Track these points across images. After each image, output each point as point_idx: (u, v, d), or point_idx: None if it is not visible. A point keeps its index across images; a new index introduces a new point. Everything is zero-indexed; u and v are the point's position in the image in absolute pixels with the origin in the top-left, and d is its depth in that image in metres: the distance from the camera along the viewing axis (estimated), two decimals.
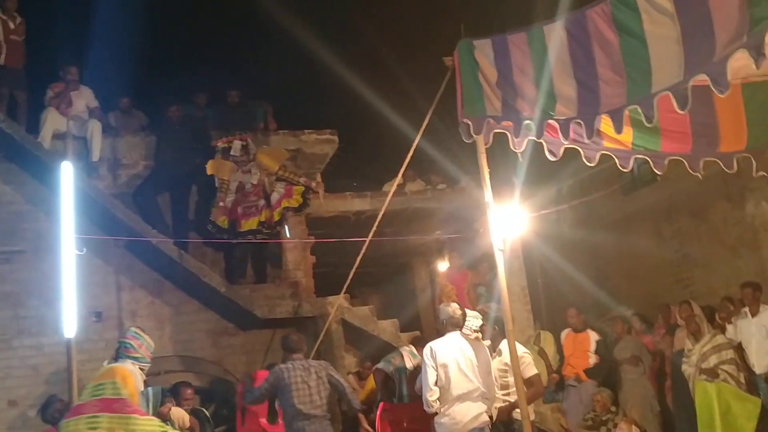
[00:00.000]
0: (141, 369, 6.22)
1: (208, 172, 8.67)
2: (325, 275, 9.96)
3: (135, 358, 6.28)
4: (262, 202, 8.69)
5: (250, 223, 8.61)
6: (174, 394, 6.26)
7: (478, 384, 5.52)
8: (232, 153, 8.72)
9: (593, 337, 8.40)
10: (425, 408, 5.65)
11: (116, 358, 6.37)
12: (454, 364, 5.53)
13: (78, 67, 8.79)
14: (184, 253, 8.18)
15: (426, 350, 5.71)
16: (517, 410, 5.57)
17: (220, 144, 8.80)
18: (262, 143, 9.29)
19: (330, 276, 9.84)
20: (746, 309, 8.00)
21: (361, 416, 6.53)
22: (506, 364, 5.74)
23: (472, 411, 5.46)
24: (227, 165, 8.73)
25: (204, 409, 7.30)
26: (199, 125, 9.28)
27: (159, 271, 8.56)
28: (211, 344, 8.60)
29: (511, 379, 5.70)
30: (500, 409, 5.75)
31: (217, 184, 8.67)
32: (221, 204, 8.57)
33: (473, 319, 6.16)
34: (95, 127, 8.52)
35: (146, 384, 5.98)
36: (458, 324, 5.79)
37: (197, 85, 10.05)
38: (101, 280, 8.35)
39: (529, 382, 5.69)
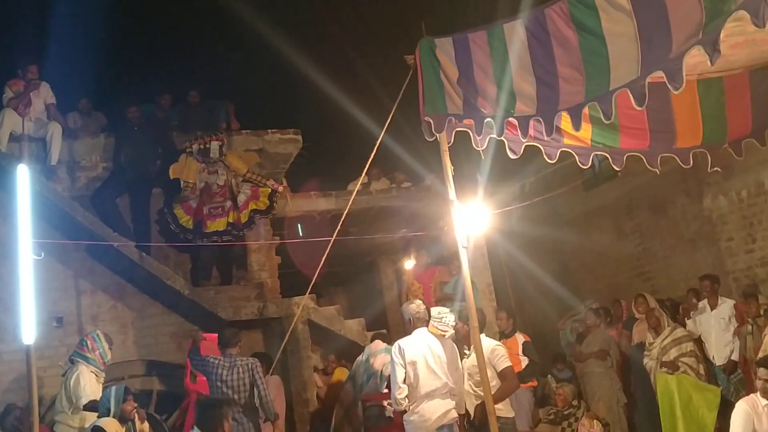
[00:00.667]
0: (93, 373, 6.12)
1: (172, 176, 8.57)
2: (290, 276, 9.91)
3: (85, 358, 6.19)
4: (228, 203, 8.62)
5: (217, 224, 8.53)
6: None
7: (446, 380, 5.54)
8: (211, 155, 8.64)
9: (520, 339, 8.35)
10: (394, 406, 5.65)
11: (71, 359, 6.30)
12: (422, 362, 5.53)
13: (38, 66, 8.60)
14: (146, 255, 8.07)
15: (394, 348, 5.71)
16: (497, 406, 5.60)
17: (195, 146, 8.70)
18: (226, 144, 9.23)
19: (296, 276, 9.81)
20: (705, 302, 8.19)
21: (278, 424, 6.54)
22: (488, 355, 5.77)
23: (441, 408, 5.47)
24: (193, 166, 8.62)
25: (156, 415, 7.22)
26: (160, 126, 9.16)
27: (121, 274, 8.43)
28: (176, 347, 8.49)
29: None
30: (476, 407, 5.74)
31: (182, 186, 8.56)
32: (186, 203, 8.49)
33: (448, 315, 6.15)
34: (55, 130, 8.33)
35: (105, 388, 5.90)
36: (424, 319, 5.78)
37: (158, 85, 9.92)
38: (61, 284, 8.19)
39: (502, 375, 5.70)
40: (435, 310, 5.94)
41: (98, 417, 5.37)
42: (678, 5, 3.70)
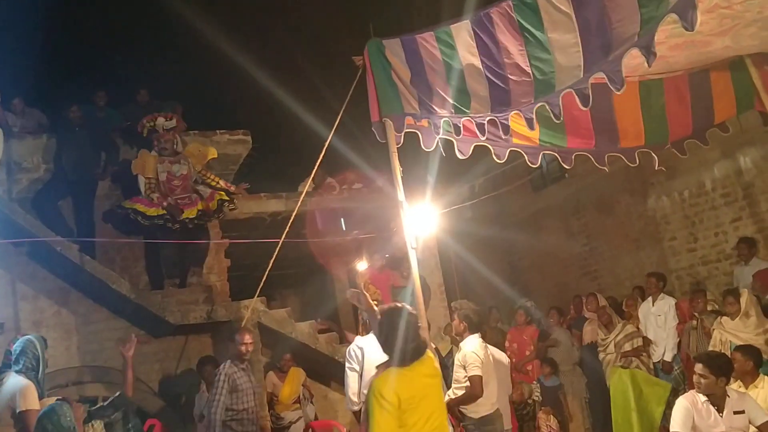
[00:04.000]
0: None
1: (134, 171, 8.37)
2: (240, 278, 9.79)
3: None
4: (194, 195, 8.48)
5: (189, 213, 8.34)
6: None
7: None
8: (160, 130, 8.45)
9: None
10: (349, 406, 5.63)
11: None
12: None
13: None
14: (90, 258, 7.87)
15: (350, 349, 5.68)
16: (464, 407, 5.66)
17: (146, 123, 8.52)
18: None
19: (246, 279, 9.69)
20: (649, 299, 8.40)
21: None
22: (460, 360, 5.80)
23: None
24: (151, 160, 8.43)
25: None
26: (100, 126, 8.93)
27: (64, 278, 8.20)
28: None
29: (460, 375, 5.75)
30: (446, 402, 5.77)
31: (142, 186, 8.36)
32: (143, 200, 8.30)
33: None
34: None
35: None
36: None
37: (101, 84, 9.69)
38: (1, 289, 7.94)
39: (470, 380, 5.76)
40: None
41: (21, 373, 5.02)
42: (617, 8, 3.77)
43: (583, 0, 3.83)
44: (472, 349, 5.75)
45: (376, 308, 5.40)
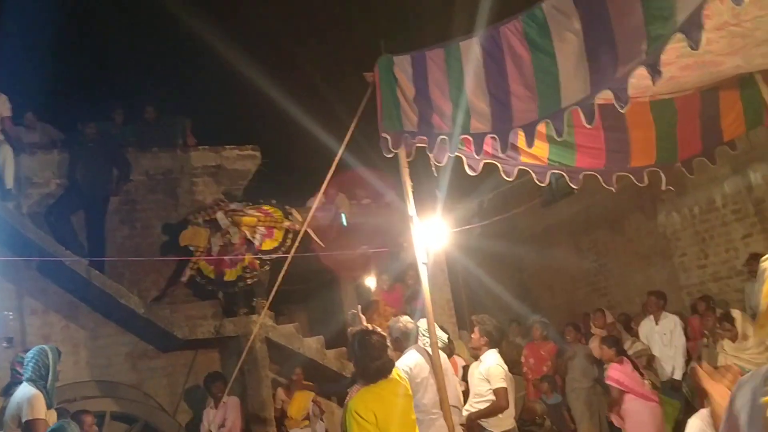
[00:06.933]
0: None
1: (182, 243, 8.49)
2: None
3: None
4: (244, 247, 8.61)
5: (236, 271, 8.52)
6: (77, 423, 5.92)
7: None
8: (221, 225, 8.60)
9: (459, 362, 7.88)
10: None
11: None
12: (430, 378, 5.13)
13: None
14: (100, 273, 7.89)
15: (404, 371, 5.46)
16: (485, 420, 5.61)
17: (201, 219, 8.64)
18: (182, 160, 9.15)
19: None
20: (651, 317, 8.35)
21: None
22: (483, 373, 5.74)
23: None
24: (204, 233, 8.56)
25: None
26: (115, 143, 8.98)
27: (74, 293, 8.24)
28: (130, 368, 8.33)
29: (483, 388, 5.69)
30: (467, 417, 5.70)
31: (192, 251, 8.52)
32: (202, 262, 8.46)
33: (440, 333, 5.99)
34: (7, 153, 8.09)
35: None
36: (414, 336, 5.45)
37: (113, 100, 9.75)
38: (12, 304, 7.98)
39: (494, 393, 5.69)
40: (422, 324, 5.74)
41: (31, 382, 4.99)
42: (624, 26, 3.75)
43: (592, 16, 3.82)
44: (495, 362, 5.72)
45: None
